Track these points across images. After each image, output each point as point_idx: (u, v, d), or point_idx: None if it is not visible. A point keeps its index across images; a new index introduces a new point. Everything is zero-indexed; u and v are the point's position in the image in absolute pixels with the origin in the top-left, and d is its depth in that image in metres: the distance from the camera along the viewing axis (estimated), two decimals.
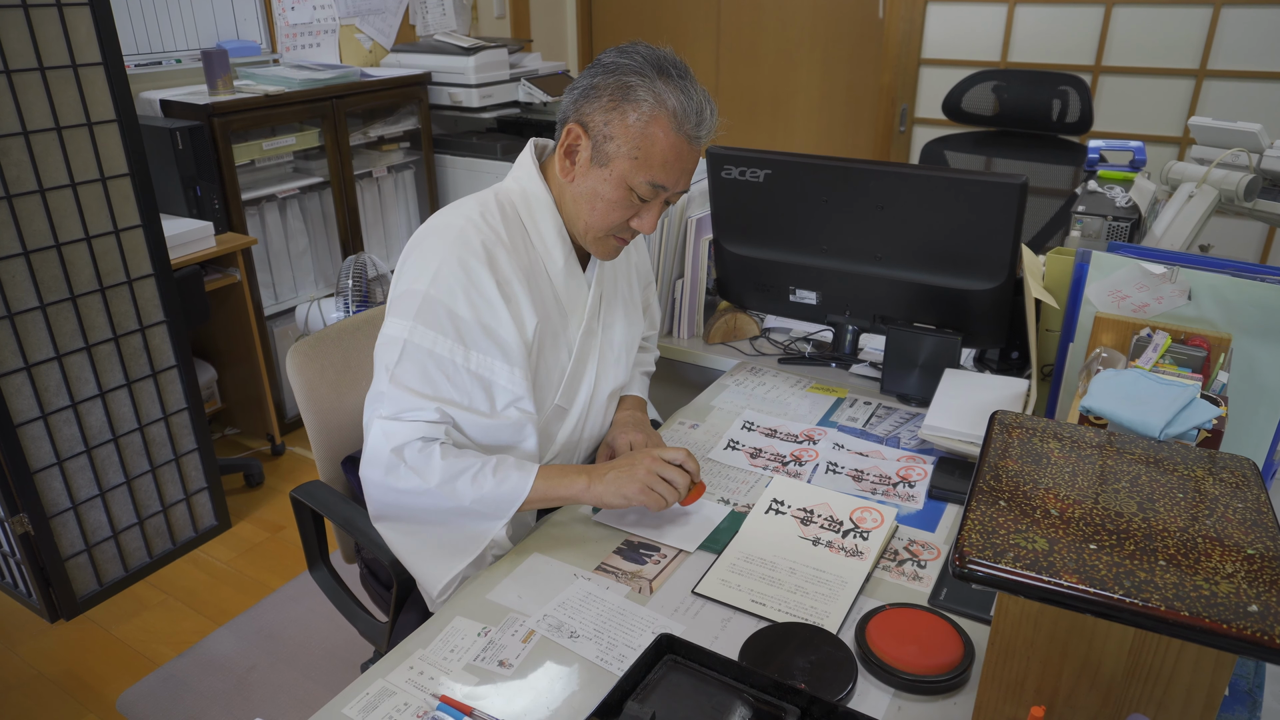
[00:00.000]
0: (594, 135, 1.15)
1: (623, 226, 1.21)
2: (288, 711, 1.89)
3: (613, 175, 1.16)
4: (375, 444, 1.15)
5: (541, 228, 1.23)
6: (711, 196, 1.61)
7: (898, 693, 0.91)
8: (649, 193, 1.17)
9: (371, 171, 3.17)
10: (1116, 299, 1.24)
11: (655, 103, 1.12)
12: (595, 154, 1.16)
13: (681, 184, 1.19)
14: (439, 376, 1.15)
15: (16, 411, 1.99)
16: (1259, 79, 3.04)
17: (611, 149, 1.15)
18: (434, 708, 0.88)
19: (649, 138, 1.13)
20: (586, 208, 1.19)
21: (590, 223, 1.20)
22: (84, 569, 2.21)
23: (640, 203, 1.18)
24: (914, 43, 3.57)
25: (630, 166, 1.14)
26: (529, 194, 1.23)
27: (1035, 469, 0.80)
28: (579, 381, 1.31)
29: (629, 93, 1.12)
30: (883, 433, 1.43)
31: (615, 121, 1.13)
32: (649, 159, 1.14)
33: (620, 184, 1.16)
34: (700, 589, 1.06)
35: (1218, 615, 0.63)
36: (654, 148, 1.13)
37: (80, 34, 1.94)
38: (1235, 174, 1.68)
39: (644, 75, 1.12)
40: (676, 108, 1.13)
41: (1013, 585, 0.68)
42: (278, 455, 2.91)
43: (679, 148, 1.15)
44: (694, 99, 1.14)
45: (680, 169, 1.17)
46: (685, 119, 1.13)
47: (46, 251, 1.97)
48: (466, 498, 1.12)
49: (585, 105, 1.16)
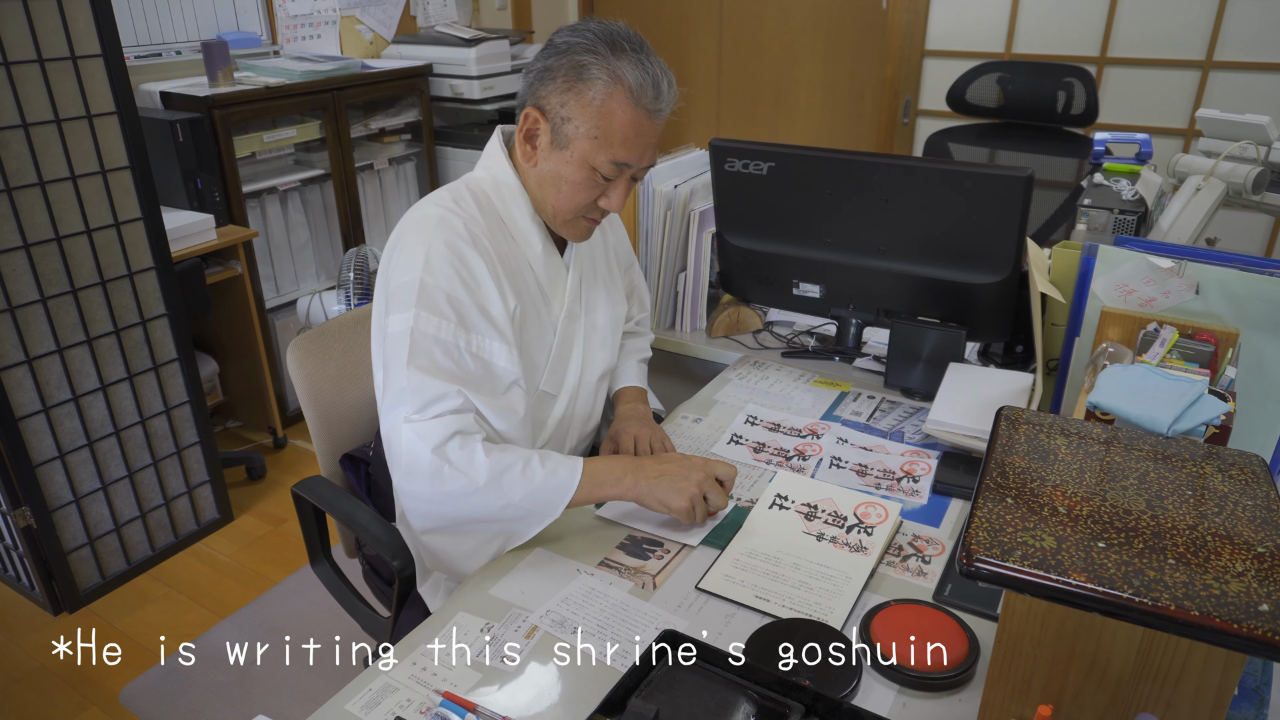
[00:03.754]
0: (552, 118, 1.15)
1: (591, 207, 1.20)
2: (290, 705, 1.89)
3: (574, 157, 1.15)
4: (411, 450, 1.09)
5: (515, 214, 1.23)
6: (714, 189, 1.60)
7: (902, 689, 0.91)
8: (612, 171, 1.15)
9: (373, 164, 3.16)
10: (1123, 293, 1.23)
11: (610, 79, 1.11)
12: (555, 137, 1.15)
13: (646, 159, 1.17)
14: (449, 362, 1.12)
15: (18, 405, 1.98)
16: (1266, 70, 3.02)
17: (570, 130, 1.14)
18: (437, 704, 0.88)
19: (607, 116, 1.12)
20: (552, 191, 1.19)
21: (557, 206, 1.20)
22: (86, 562, 2.21)
23: (605, 181, 1.17)
24: (918, 34, 3.55)
25: (591, 146, 1.13)
26: (499, 181, 1.23)
27: (1042, 465, 0.79)
28: (564, 365, 1.31)
29: (583, 72, 1.11)
30: (887, 427, 1.42)
31: (571, 103, 1.12)
32: (609, 137, 1.13)
33: (582, 165, 1.15)
34: (704, 584, 1.06)
35: (1228, 615, 0.62)
36: (613, 125, 1.12)
37: (79, 25, 1.93)
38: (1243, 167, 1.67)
39: (596, 53, 1.11)
40: (633, 83, 1.11)
41: (1021, 584, 0.67)
42: (279, 448, 2.91)
43: (639, 123, 1.13)
44: (650, 72, 1.12)
45: (642, 144, 1.15)
46: (642, 93, 1.12)
47: (47, 244, 1.96)
48: (517, 493, 1.09)
49: (540, 88, 1.15)
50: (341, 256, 3.01)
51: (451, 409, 1.10)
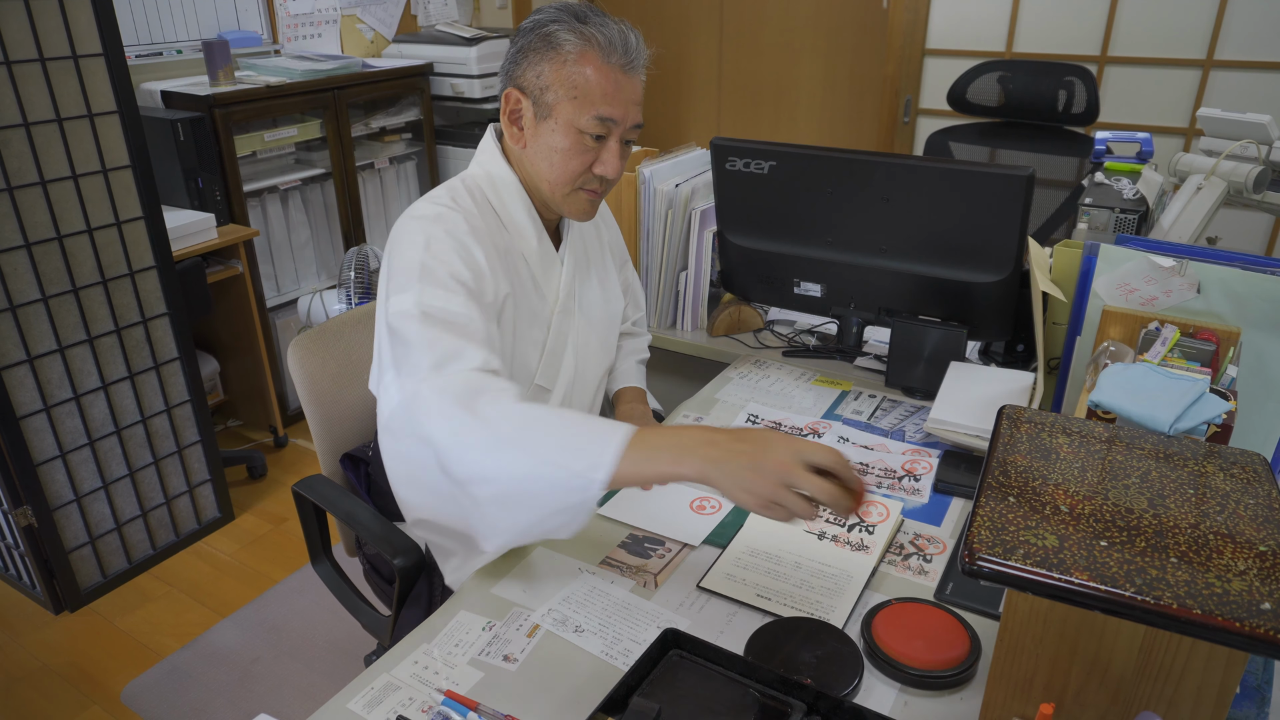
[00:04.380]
0: (531, 93, 1.17)
1: (587, 175, 1.21)
2: (291, 704, 1.89)
3: (559, 123, 1.16)
4: (430, 405, 0.97)
5: (511, 209, 1.23)
6: (715, 188, 1.60)
7: (904, 688, 0.91)
8: (599, 127, 1.16)
9: (373, 163, 3.16)
10: (1124, 292, 1.23)
11: (579, 40, 1.13)
12: (538, 109, 1.17)
13: (631, 116, 1.18)
14: (462, 325, 1.06)
15: (19, 404, 1.98)
16: (1267, 69, 3.02)
17: (551, 97, 1.15)
18: (439, 702, 0.88)
19: (582, 75, 1.14)
20: (545, 165, 1.19)
21: (553, 179, 1.20)
22: (88, 561, 2.21)
23: (595, 143, 1.18)
24: (918, 33, 3.55)
25: (573, 108, 1.15)
26: (494, 177, 1.24)
27: (1044, 464, 0.79)
28: (559, 359, 1.31)
29: (551, 39, 1.14)
30: (888, 426, 1.42)
31: (547, 71, 1.15)
32: (589, 95, 1.14)
33: (569, 129, 1.16)
34: (705, 583, 1.06)
35: (1230, 613, 0.62)
36: (590, 83, 1.14)
37: (81, 24, 1.93)
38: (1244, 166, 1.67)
39: (562, 21, 1.15)
40: (602, 40, 1.14)
41: (1023, 582, 0.67)
42: (280, 447, 2.91)
43: (615, 78, 1.15)
44: (616, 28, 1.15)
45: (623, 99, 1.16)
46: (612, 49, 1.14)
47: (48, 244, 1.96)
48: (548, 445, 0.93)
49: (515, 69, 1.18)
50: (342, 255, 3.01)
51: (472, 366, 1.02)
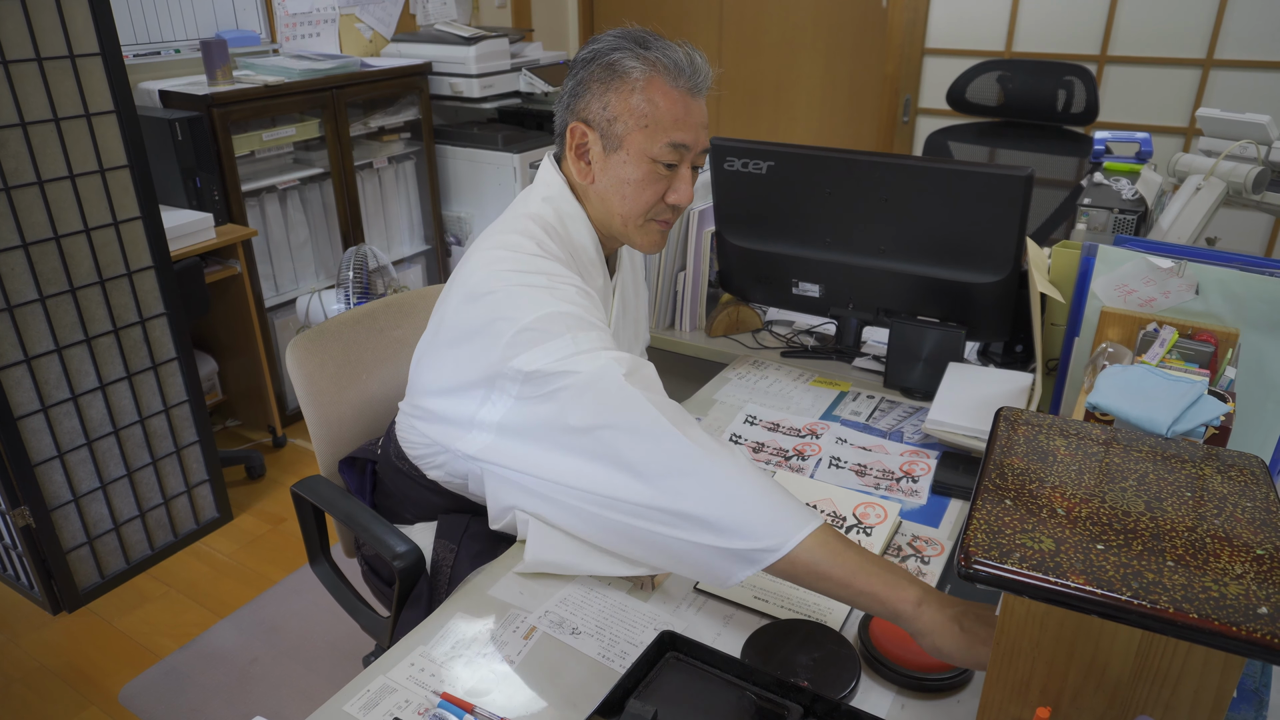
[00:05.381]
0: (598, 125, 1.13)
1: (660, 206, 1.17)
2: (289, 704, 1.89)
3: (631, 154, 1.13)
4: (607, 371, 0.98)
5: (581, 245, 1.19)
6: (714, 188, 1.60)
7: (901, 691, 0.91)
8: (672, 155, 1.13)
9: (372, 162, 3.16)
10: (1123, 293, 1.23)
11: (645, 67, 1.10)
12: (606, 142, 1.14)
13: (701, 141, 1.15)
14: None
15: (17, 404, 1.98)
16: (1266, 69, 3.02)
17: (620, 129, 1.12)
18: (435, 704, 0.88)
19: (652, 102, 1.11)
20: (617, 198, 1.16)
21: (626, 212, 1.16)
22: (85, 561, 2.21)
23: (667, 171, 1.15)
24: (918, 32, 3.55)
25: (644, 137, 1.12)
26: (564, 214, 1.18)
27: (1041, 466, 0.79)
28: None
29: (615, 68, 1.11)
30: (886, 427, 1.42)
31: (614, 102, 1.11)
32: (659, 122, 1.11)
33: (641, 159, 1.13)
34: (702, 585, 1.06)
35: (1227, 617, 0.62)
36: (659, 110, 1.11)
37: (77, 24, 1.92)
38: (1243, 166, 1.67)
39: (623, 49, 1.11)
40: (668, 64, 1.11)
41: (1019, 586, 0.67)
42: (279, 447, 2.91)
43: (685, 102, 1.12)
44: (681, 52, 1.12)
45: (693, 124, 1.13)
46: (680, 73, 1.11)
47: (45, 244, 1.96)
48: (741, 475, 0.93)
49: (577, 103, 1.14)
50: (341, 255, 3.00)
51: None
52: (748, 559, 0.90)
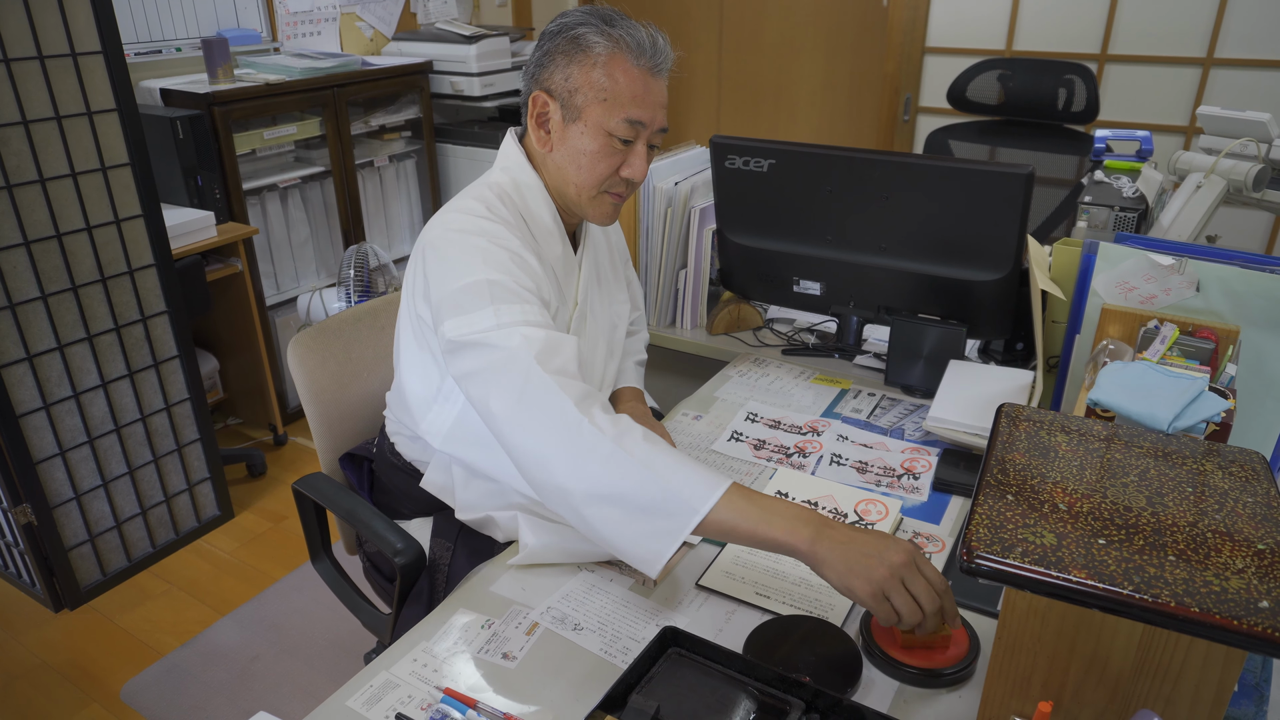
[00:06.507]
0: (559, 95, 1.16)
1: (614, 179, 1.20)
2: (291, 701, 1.89)
3: (589, 126, 1.16)
4: (518, 350, 1.01)
5: (538, 214, 1.23)
6: (715, 186, 1.60)
7: (903, 686, 0.91)
8: (628, 131, 1.16)
9: (373, 161, 3.16)
10: (1124, 290, 1.23)
11: (609, 43, 1.13)
12: (566, 112, 1.16)
13: (658, 119, 1.19)
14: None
15: (19, 402, 1.98)
16: (1267, 67, 3.02)
17: (580, 100, 1.15)
18: (438, 700, 0.88)
19: (613, 78, 1.13)
20: (573, 168, 1.19)
21: (580, 182, 1.19)
22: (87, 559, 2.22)
23: (623, 146, 1.18)
24: (918, 30, 3.55)
25: (603, 110, 1.14)
26: (520, 184, 1.23)
27: (1043, 462, 0.79)
28: None
29: (580, 41, 1.14)
30: (887, 424, 1.42)
31: (576, 74, 1.14)
32: (618, 97, 1.14)
33: (598, 132, 1.16)
34: (704, 581, 1.06)
35: (1228, 611, 0.62)
36: (619, 85, 1.14)
37: (79, 22, 1.93)
38: (1244, 164, 1.67)
39: (589, 25, 1.14)
40: (631, 43, 1.14)
41: (1021, 580, 0.67)
42: (280, 445, 2.91)
43: (645, 81, 1.15)
44: (644, 32, 1.15)
45: (651, 102, 1.17)
46: (642, 52, 1.14)
47: (47, 241, 1.96)
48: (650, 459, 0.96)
49: (542, 73, 1.17)
50: (342, 254, 3.01)
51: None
52: (668, 533, 0.93)
